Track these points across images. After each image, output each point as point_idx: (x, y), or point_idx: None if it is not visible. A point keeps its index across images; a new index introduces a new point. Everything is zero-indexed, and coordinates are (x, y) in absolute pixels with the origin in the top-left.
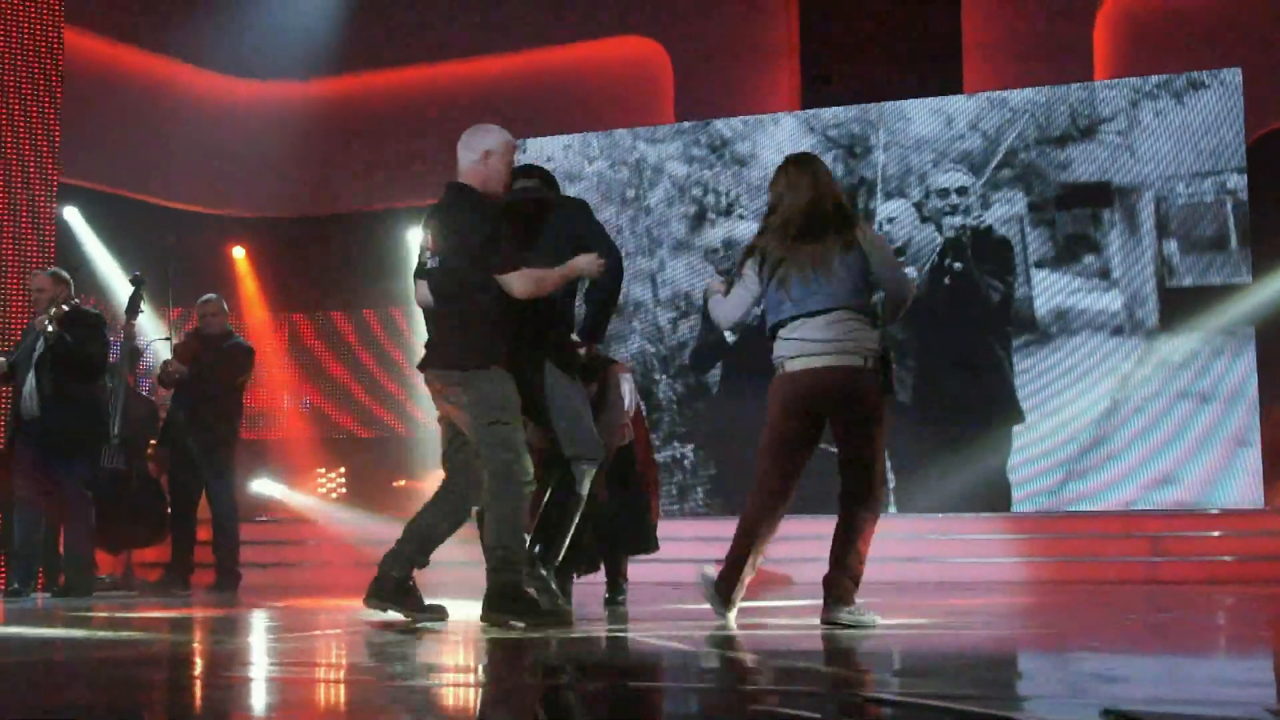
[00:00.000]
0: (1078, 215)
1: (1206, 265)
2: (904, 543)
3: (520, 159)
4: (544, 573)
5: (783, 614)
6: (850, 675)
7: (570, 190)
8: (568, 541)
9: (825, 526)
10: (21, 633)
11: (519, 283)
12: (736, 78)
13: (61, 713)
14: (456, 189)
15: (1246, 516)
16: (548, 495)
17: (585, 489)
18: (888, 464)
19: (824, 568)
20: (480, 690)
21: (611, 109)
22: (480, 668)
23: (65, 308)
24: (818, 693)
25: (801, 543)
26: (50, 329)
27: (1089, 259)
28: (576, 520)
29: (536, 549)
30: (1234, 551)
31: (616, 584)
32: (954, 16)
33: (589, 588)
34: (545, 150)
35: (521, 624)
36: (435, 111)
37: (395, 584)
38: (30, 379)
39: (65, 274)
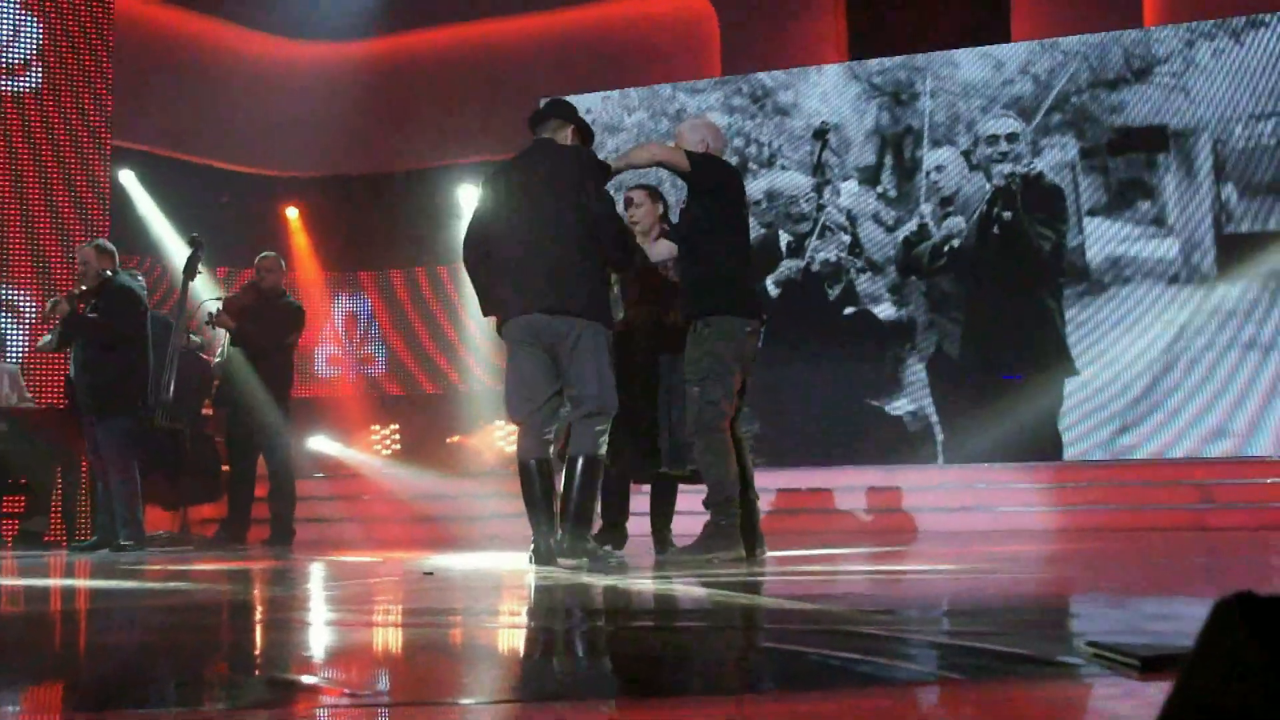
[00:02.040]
0: (1131, 160)
1: (1266, 210)
2: (952, 493)
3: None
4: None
5: (819, 560)
6: (900, 620)
7: (611, 142)
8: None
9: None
10: (76, 584)
11: None
12: (783, 31)
13: (121, 654)
14: None
15: None
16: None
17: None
18: (935, 416)
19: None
20: (524, 632)
21: (658, 65)
22: (526, 611)
23: (84, 287)
24: (872, 634)
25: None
26: (64, 308)
27: (1143, 205)
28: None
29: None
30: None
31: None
32: None
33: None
34: (583, 103)
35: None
36: (482, 69)
37: None
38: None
39: (109, 245)
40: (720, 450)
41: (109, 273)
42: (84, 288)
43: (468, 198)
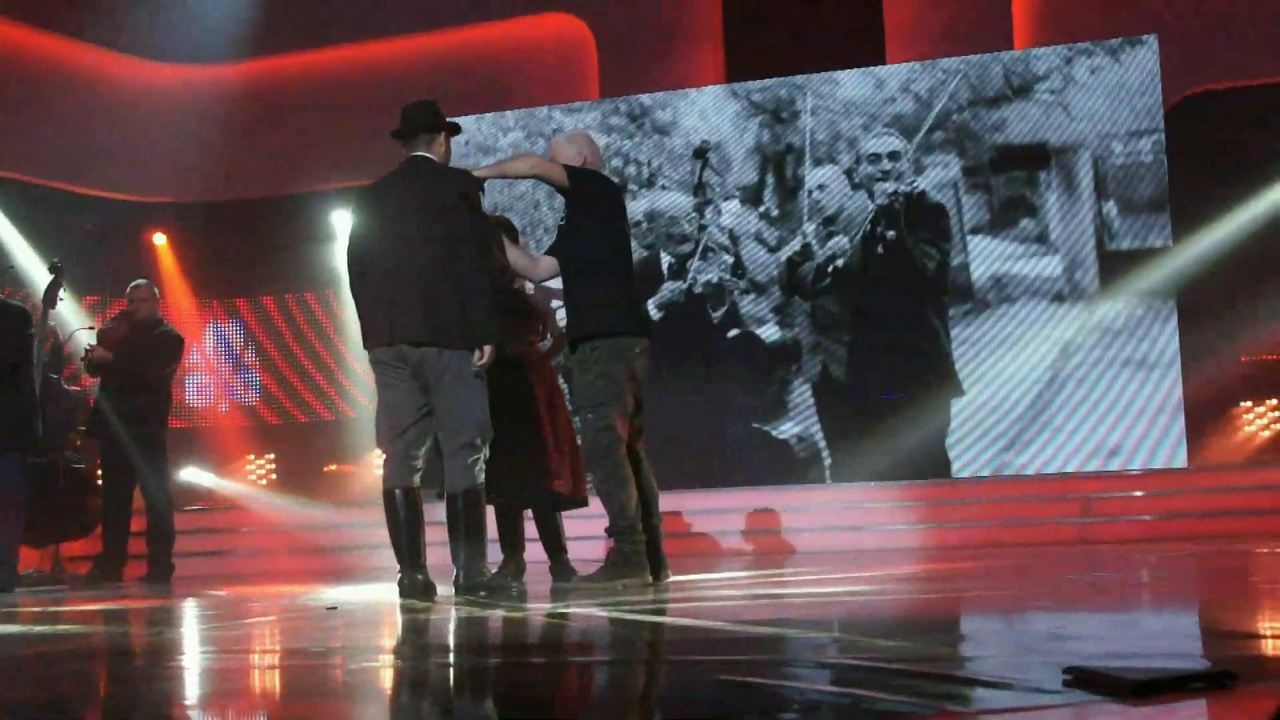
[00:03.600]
0: (1013, 178)
1: (1147, 227)
2: (839, 513)
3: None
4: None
5: (726, 585)
6: (809, 640)
7: (485, 162)
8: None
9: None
10: None
11: None
12: (661, 55)
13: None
14: None
15: (1171, 475)
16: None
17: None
18: (822, 438)
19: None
20: (407, 671)
21: (536, 88)
22: (412, 647)
23: None
24: (777, 660)
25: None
26: None
27: (1026, 223)
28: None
29: None
30: (1158, 510)
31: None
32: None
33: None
34: (459, 123)
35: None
36: (357, 93)
37: None
38: None
39: None
40: (619, 476)
41: None
42: None
43: (341, 222)
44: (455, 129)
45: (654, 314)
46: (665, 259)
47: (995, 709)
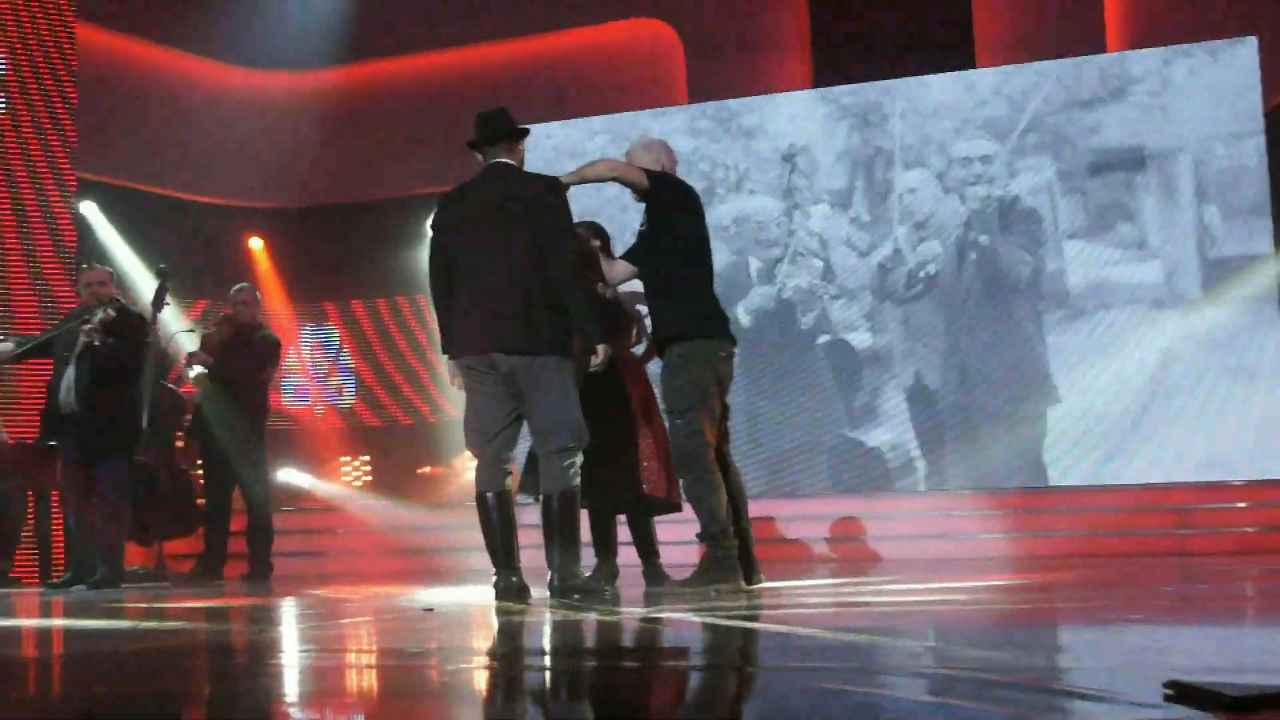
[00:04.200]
0: (1110, 182)
1: (1250, 232)
2: (933, 520)
3: (528, 144)
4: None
5: (821, 591)
6: (902, 648)
7: (571, 167)
8: None
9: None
10: (66, 624)
11: None
12: (749, 60)
13: (106, 703)
14: None
15: (1274, 487)
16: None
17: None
18: (916, 446)
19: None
20: (502, 673)
21: (623, 92)
22: (508, 650)
23: (113, 312)
24: (870, 668)
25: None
26: (96, 334)
27: (1124, 228)
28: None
29: None
30: (1260, 522)
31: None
32: (964, 2)
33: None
34: (545, 129)
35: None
36: (446, 99)
37: None
38: (70, 372)
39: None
40: (708, 481)
41: (121, 300)
42: (100, 314)
43: (427, 226)
44: (526, 133)
45: (743, 319)
46: (753, 264)
47: None
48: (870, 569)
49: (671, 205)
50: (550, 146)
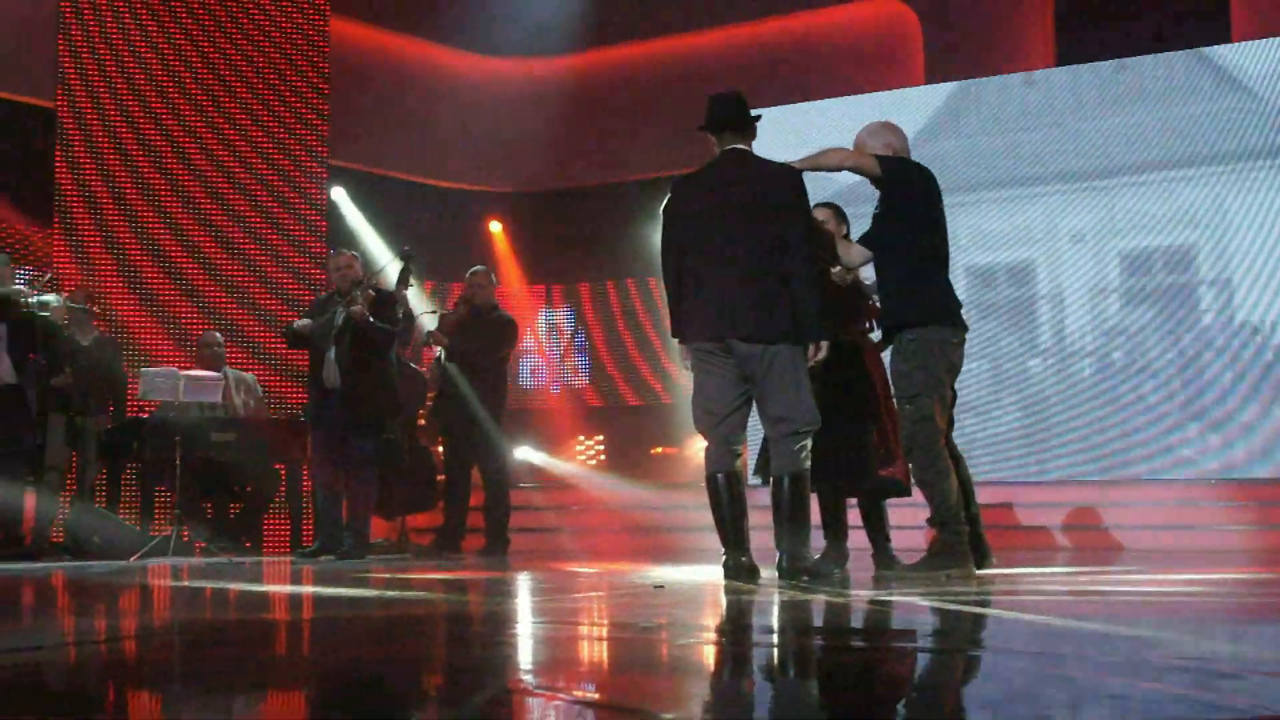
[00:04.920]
0: None
1: None
2: (1170, 509)
3: (763, 128)
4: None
5: (1057, 580)
6: (1137, 638)
7: (805, 152)
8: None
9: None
10: (315, 591)
11: None
12: (988, 36)
13: (357, 665)
14: None
15: None
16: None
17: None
18: (1150, 429)
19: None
20: (730, 649)
21: (858, 74)
22: (736, 628)
23: (373, 291)
24: (1101, 658)
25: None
26: (359, 308)
27: None
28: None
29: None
30: None
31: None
32: None
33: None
34: (783, 114)
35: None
36: (678, 83)
37: None
38: (331, 351)
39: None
40: (938, 467)
41: (375, 281)
42: (360, 293)
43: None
44: (758, 119)
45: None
46: None
47: None
48: (1106, 559)
49: (905, 190)
50: (786, 129)
